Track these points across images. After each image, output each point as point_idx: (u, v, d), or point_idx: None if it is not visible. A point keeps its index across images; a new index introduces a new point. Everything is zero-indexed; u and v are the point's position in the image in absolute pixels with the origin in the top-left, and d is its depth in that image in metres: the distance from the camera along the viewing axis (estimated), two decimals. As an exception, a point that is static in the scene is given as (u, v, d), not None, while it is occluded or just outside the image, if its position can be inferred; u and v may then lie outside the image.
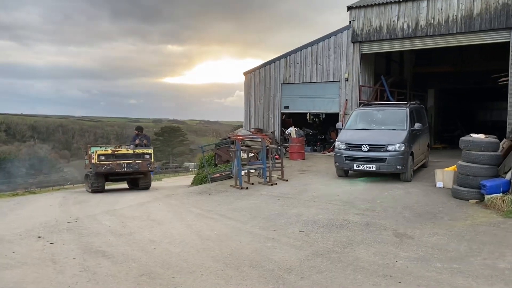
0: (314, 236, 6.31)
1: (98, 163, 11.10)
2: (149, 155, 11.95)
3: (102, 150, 11.58)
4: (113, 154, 11.48)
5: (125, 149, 12.01)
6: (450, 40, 14.81)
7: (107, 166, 11.17)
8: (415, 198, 8.82)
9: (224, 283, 4.58)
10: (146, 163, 11.74)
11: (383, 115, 11.71)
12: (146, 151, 12.01)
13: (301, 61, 18.05)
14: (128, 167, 11.43)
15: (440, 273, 4.78)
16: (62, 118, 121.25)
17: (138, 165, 11.61)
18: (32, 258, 5.43)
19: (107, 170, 11.25)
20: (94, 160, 11.17)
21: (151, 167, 12.05)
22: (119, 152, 11.65)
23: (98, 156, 11.20)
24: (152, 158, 12.01)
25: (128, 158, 11.55)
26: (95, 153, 11.28)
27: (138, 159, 11.69)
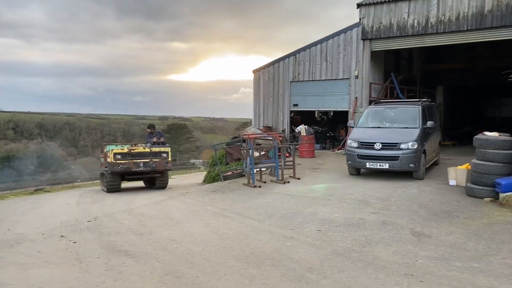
0: (332, 235, 6.38)
1: (114, 162, 10.79)
2: (166, 153, 11.67)
3: (118, 149, 11.27)
4: (130, 153, 11.15)
5: (142, 148, 11.66)
6: (460, 37, 14.76)
7: (123, 165, 10.87)
8: (429, 196, 8.85)
9: (248, 282, 4.66)
10: (163, 161, 11.46)
11: (395, 113, 11.72)
12: (163, 150, 11.72)
13: (311, 58, 18.06)
14: (145, 166, 11.15)
15: (461, 273, 4.83)
16: (69, 116, 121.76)
17: (155, 164, 11.33)
18: (57, 257, 5.54)
19: (124, 169, 10.96)
20: (110, 159, 10.82)
21: (169, 166, 11.76)
22: (136, 151, 11.31)
23: (114, 155, 10.85)
24: (169, 157, 11.71)
25: (145, 157, 11.26)
26: (111, 152, 10.92)
27: (155, 157, 11.39)
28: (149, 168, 11.21)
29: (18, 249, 5.91)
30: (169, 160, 11.60)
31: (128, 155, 11.04)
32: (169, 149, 11.83)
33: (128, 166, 10.93)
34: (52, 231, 6.81)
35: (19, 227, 7.22)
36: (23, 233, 6.78)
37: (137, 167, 11.02)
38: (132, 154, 11.08)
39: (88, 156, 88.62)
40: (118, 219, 7.61)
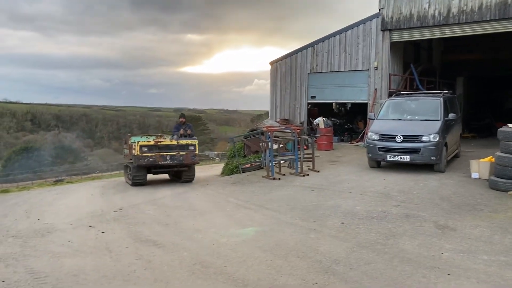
0: (356, 228, 6.40)
1: (140, 154, 10.30)
2: (193, 146, 11.05)
3: (144, 141, 10.69)
4: (156, 145, 10.61)
5: (169, 140, 11.12)
6: (483, 27, 14.51)
7: (149, 158, 10.37)
8: (451, 189, 8.79)
9: (276, 273, 4.74)
10: (191, 155, 10.88)
11: (417, 105, 11.62)
12: (191, 142, 11.08)
13: (329, 49, 17.95)
14: (172, 159, 10.62)
15: (489, 266, 4.83)
16: (85, 108, 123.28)
17: (182, 157, 10.76)
18: (87, 246, 5.69)
19: (150, 162, 10.45)
20: (135, 151, 10.34)
21: (196, 160, 11.16)
22: (162, 143, 10.75)
23: (140, 147, 10.35)
24: (196, 150, 11.11)
25: (171, 150, 10.71)
26: (136, 144, 10.40)
27: (182, 150, 10.81)
28: (176, 161, 10.70)
29: (50, 238, 6.09)
30: (196, 153, 11.03)
31: (155, 148, 10.57)
32: (197, 142, 11.27)
33: (154, 159, 10.45)
34: (80, 221, 6.99)
35: (48, 217, 7.42)
36: (52, 223, 6.97)
37: (164, 161, 10.55)
38: (159, 147, 10.60)
39: (104, 147, 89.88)
40: (142, 209, 7.76)
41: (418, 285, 4.36)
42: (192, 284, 4.45)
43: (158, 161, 10.45)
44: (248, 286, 4.40)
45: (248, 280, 4.55)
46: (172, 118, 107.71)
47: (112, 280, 4.55)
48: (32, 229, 6.60)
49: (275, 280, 4.54)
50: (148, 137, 12.24)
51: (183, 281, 4.53)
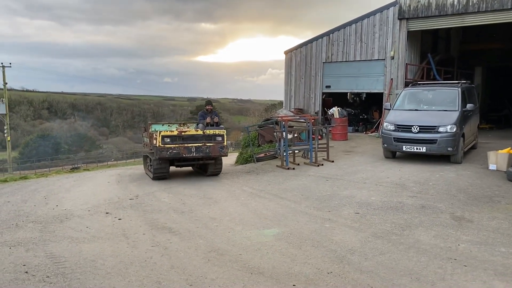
0: (371, 218, 6.38)
1: (162, 146, 9.17)
2: (221, 137, 9.85)
3: (167, 131, 9.61)
4: (180, 136, 9.46)
5: (194, 130, 10.09)
6: (504, 16, 14.19)
7: (172, 150, 9.24)
8: (468, 180, 8.69)
9: (290, 262, 4.76)
10: (218, 146, 9.69)
11: (434, 95, 11.45)
12: (218, 132, 9.88)
13: (345, 39, 17.76)
14: (197, 151, 9.49)
15: (506, 258, 4.78)
16: (100, 96, 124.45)
17: (209, 149, 9.60)
18: (105, 233, 5.78)
19: (173, 155, 9.30)
20: (157, 142, 9.24)
21: (224, 152, 9.90)
22: (187, 133, 9.62)
23: (162, 138, 9.24)
24: (225, 141, 9.90)
25: (197, 141, 9.56)
26: (158, 135, 9.29)
27: (209, 141, 9.66)
28: (202, 153, 9.56)
29: (68, 224, 6.20)
30: (224, 145, 9.84)
31: (178, 139, 9.43)
32: (225, 132, 10.10)
33: (178, 151, 9.31)
34: (97, 208, 7.10)
35: (66, 203, 7.55)
36: (70, 209, 7.09)
37: (189, 153, 9.42)
38: (183, 137, 9.46)
39: (119, 136, 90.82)
40: (158, 197, 7.84)
41: (434, 276, 4.34)
42: (208, 271, 4.50)
43: (182, 154, 9.38)
44: (263, 274, 4.43)
45: (263, 268, 4.58)
46: (186, 107, 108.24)
47: (130, 266, 4.63)
48: (51, 215, 6.73)
49: (290, 268, 4.57)
50: (170, 125, 11.35)
51: (199, 268, 4.58)
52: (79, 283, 4.22)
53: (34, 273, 4.44)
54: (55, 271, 4.50)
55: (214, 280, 4.29)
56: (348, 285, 4.16)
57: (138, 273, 4.45)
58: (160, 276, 4.37)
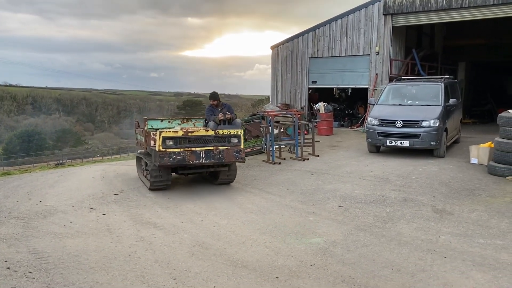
0: (354, 211, 6.47)
1: (163, 151, 7.06)
2: (237, 138, 7.67)
3: (169, 131, 7.36)
4: (186, 137, 7.31)
5: (203, 130, 7.65)
6: (486, 12, 14.43)
7: (176, 156, 7.11)
8: (450, 174, 8.85)
9: (274, 254, 4.81)
10: (234, 151, 7.54)
11: (417, 90, 11.61)
12: (234, 133, 7.68)
13: (330, 34, 17.85)
14: (208, 157, 7.34)
15: (484, 249, 4.90)
16: (86, 91, 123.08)
17: (222, 154, 7.44)
18: (89, 228, 5.76)
19: (177, 162, 7.18)
20: (157, 145, 7.19)
21: (241, 157, 7.67)
22: (195, 134, 7.40)
23: (164, 140, 7.12)
24: (241, 143, 7.72)
25: (207, 144, 7.42)
26: (158, 136, 7.17)
27: (222, 144, 7.53)
28: (214, 159, 7.43)
29: (51, 219, 6.16)
30: (241, 148, 7.68)
31: (184, 141, 7.30)
32: (242, 132, 7.91)
33: (183, 157, 7.16)
34: (81, 203, 7.05)
35: (49, 199, 7.48)
36: (54, 204, 7.03)
37: (197, 159, 7.28)
38: (190, 139, 7.33)
39: (105, 131, 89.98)
40: (143, 192, 7.82)
41: (414, 267, 4.43)
42: (192, 264, 4.52)
43: (189, 160, 7.23)
44: (247, 267, 4.47)
45: (247, 261, 4.63)
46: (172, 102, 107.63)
47: (113, 261, 4.63)
48: (34, 210, 6.67)
49: (274, 261, 4.62)
50: (171, 121, 9.34)
51: (183, 262, 4.60)
52: (62, 278, 4.21)
53: (16, 269, 4.42)
54: (38, 266, 4.48)
55: (198, 273, 4.31)
56: (330, 277, 4.22)
57: (121, 267, 4.46)
58: (144, 271, 4.38)
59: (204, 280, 4.16)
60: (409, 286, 4.00)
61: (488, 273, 4.28)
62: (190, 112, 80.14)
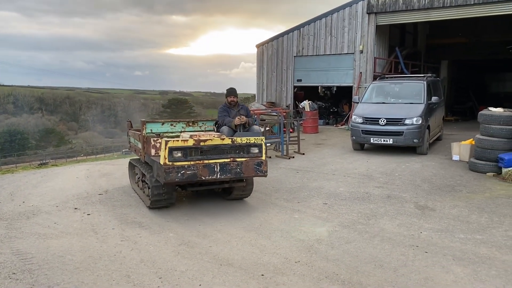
0: (338, 208, 6.55)
1: (170, 164, 5.73)
2: (258, 147, 6.30)
3: (177, 141, 5.89)
4: (198, 147, 5.93)
5: (218, 138, 6.15)
6: (467, 11, 14.69)
7: (186, 171, 5.78)
8: (432, 171, 9.01)
9: (259, 252, 4.85)
10: (254, 163, 6.20)
11: (400, 89, 11.78)
12: (254, 141, 6.27)
13: (315, 32, 17.96)
14: (223, 171, 6.01)
15: (465, 244, 5.02)
16: (69, 90, 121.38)
17: (241, 167, 6.12)
18: (73, 228, 5.72)
19: (187, 178, 5.83)
20: (162, 157, 5.77)
21: (263, 170, 6.31)
22: (208, 144, 6.00)
23: (171, 151, 5.76)
24: (263, 154, 6.34)
25: (223, 154, 6.07)
26: (164, 146, 5.75)
27: (240, 155, 6.17)
28: (230, 174, 6.09)
29: (35, 220, 6.10)
30: (263, 160, 6.32)
31: (195, 152, 5.95)
32: (263, 139, 6.46)
33: (194, 172, 5.84)
34: (66, 204, 7.00)
35: (33, 199, 7.41)
36: (37, 205, 6.96)
37: (210, 174, 5.95)
38: (202, 150, 5.97)
39: (89, 130, 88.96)
40: (128, 192, 7.79)
41: (396, 262, 4.52)
42: (178, 263, 4.54)
43: (201, 176, 5.89)
44: (232, 265, 4.51)
45: (233, 259, 4.66)
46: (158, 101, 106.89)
47: (99, 261, 4.61)
48: (17, 211, 6.60)
49: (259, 258, 4.66)
50: (174, 124, 7.82)
51: (168, 261, 4.61)
52: (46, 279, 4.18)
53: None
54: (22, 267, 4.44)
55: (183, 272, 4.33)
56: (314, 273, 4.28)
57: (107, 267, 4.45)
58: (129, 270, 4.38)
59: (190, 279, 4.18)
60: (391, 281, 4.09)
61: (468, 267, 4.39)
62: (175, 110, 79.74)
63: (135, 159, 7.98)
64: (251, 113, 8.35)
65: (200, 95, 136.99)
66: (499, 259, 4.58)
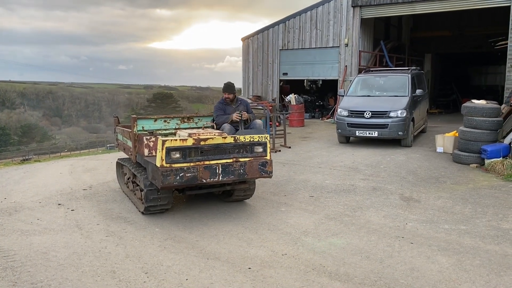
0: (324, 201, 6.58)
1: (168, 167, 5.18)
2: (262, 146, 5.77)
3: (175, 140, 5.30)
4: (198, 147, 5.38)
5: (220, 137, 5.58)
6: (450, 4, 14.82)
7: (185, 174, 5.25)
8: (417, 163, 9.10)
9: (246, 245, 4.84)
10: (258, 163, 5.70)
11: (385, 82, 11.85)
12: (258, 139, 5.73)
13: (300, 26, 17.93)
14: (226, 173, 5.48)
15: (449, 234, 5.08)
16: (52, 85, 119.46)
17: (244, 168, 5.61)
18: (57, 224, 5.63)
19: (186, 181, 5.29)
20: (158, 158, 5.23)
21: (267, 171, 5.80)
22: (209, 143, 5.45)
23: (168, 152, 5.20)
24: (267, 153, 5.81)
25: (225, 154, 5.54)
26: (161, 145, 5.18)
27: (243, 155, 5.65)
28: (233, 176, 5.56)
29: (17, 216, 5.98)
30: (268, 160, 5.79)
31: (195, 152, 5.39)
32: (268, 137, 5.90)
33: (194, 174, 5.30)
34: (49, 200, 6.88)
35: (15, 195, 7.26)
36: (20, 201, 6.83)
37: (212, 176, 5.42)
38: (202, 150, 5.42)
39: (72, 125, 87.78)
40: (113, 187, 7.69)
41: (382, 253, 4.56)
42: (164, 258, 4.50)
43: (202, 178, 5.36)
44: (219, 258, 4.49)
45: (220, 253, 4.64)
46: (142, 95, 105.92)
47: (83, 257, 4.55)
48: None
49: (246, 252, 4.65)
50: (167, 120, 7.10)
51: (154, 256, 4.57)
52: (29, 276, 4.11)
53: (-20, 268, 4.28)
54: (4, 265, 4.35)
55: (170, 267, 4.30)
56: (301, 265, 4.29)
57: (92, 263, 4.39)
58: (114, 266, 4.32)
59: (176, 273, 4.15)
60: (378, 272, 4.11)
61: (453, 257, 4.44)
62: (160, 105, 79.10)
63: (124, 158, 7.42)
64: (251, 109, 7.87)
65: (185, 90, 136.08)
66: (482, 248, 4.65)
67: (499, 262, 4.30)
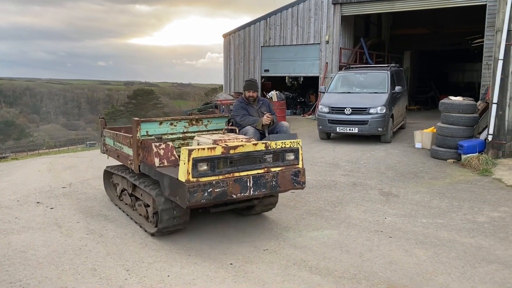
0: (306, 196, 6.64)
1: (195, 181, 4.20)
2: (294, 153, 4.90)
3: (203, 150, 4.26)
4: (227, 156, 4.41)
5: (248, 143, 4.68)
6: (428, 2, 15.08)
7: (214, 189, 4.31)
8: (396, 158, 9.26)
9: (228, 241, 4.87)
10: (291, 172, 4.81)
11: (365, 78, 12.00)
12: (290, 145, 4.84)
13: (282, 23, 17.98)
14: (258, 185, 4.56)
15: (427, 228, 5.20)
16: (29, 81, 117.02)
17: (277, 179, 4.70)
18: (36, 222, 5.55)
19: (214, 198, 4.34)
20: (182, 172, 4.22)
21: (301, 181, 4.94)
22: (239, 151, 4.49)
23: (195, 163, 4.20)
24: (300, 161, 4.95)
25: (255, 164, 4.61)
26: (187, 156, 4.16)
27: (274, 164, 4.73)
28: (265, 189, 4.65)
29: (-6, 216, 5.87)
30: (300, 169, 4.95)
31: (224, 162, 4.43)
32: (300, 142, 5.00)
33: (224, 189, 4.37)
34: (27, 198, 6.77)
35: (-8, 194, 7.12)
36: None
37: (242, 191, 4.50)
38: (231, 159, 4.47)
39: (51, 123, 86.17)
40: (93, 185, 7.61)
41: (362, 247, 4.64)
42: (145, 255, 4.49)
43: (231, 194, 4.43)
44: (201, 255, 4.50)
45: (201, 249, 4.65)
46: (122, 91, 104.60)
47: (63, 255, 4.50)
48: (-26, 207, 6.33)
49: (228, 248, 4.67)
50: (174, 123, 6.06)
51: (136, 253, 4.55)
52: (8, 275, 4.05)
53: (-44, 268, 4.19)
54: (-19, 264, 4.27)
55: (151, 264, 4.29)
56: (282, 260, 4.34)
57: (72, 261, 4.35)
58: (95, 263, 4.29)
59: (158, 270, 4.14)
60: (357, 266, 4.19)
61: (430, 250, 4.56)
62: (141, 102, 78.24)
63: (114, 166, 6.47)
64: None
65: (166, 86, 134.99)
66: (458, 241, 4.78)
67: (474, 254, 4.43)
